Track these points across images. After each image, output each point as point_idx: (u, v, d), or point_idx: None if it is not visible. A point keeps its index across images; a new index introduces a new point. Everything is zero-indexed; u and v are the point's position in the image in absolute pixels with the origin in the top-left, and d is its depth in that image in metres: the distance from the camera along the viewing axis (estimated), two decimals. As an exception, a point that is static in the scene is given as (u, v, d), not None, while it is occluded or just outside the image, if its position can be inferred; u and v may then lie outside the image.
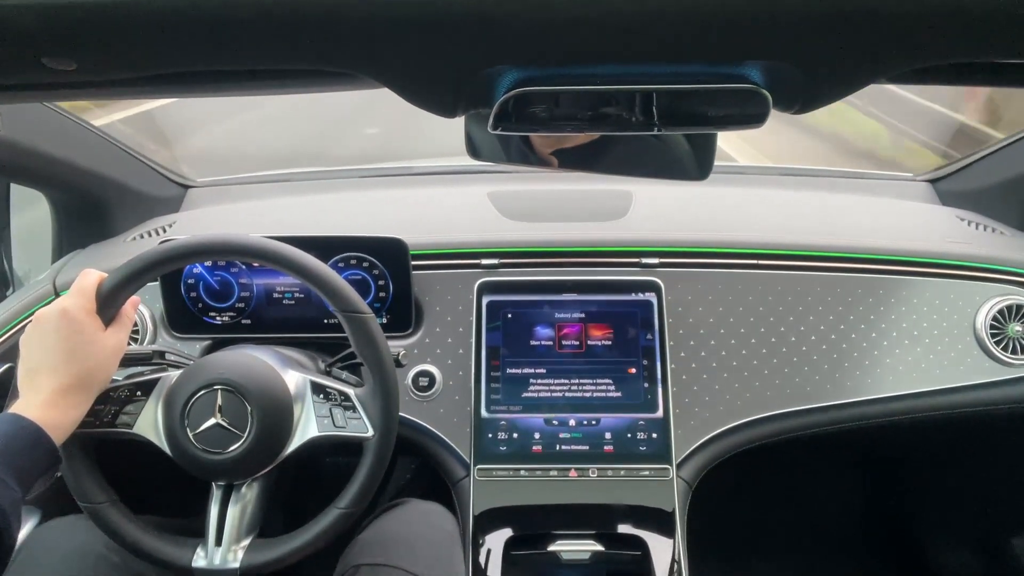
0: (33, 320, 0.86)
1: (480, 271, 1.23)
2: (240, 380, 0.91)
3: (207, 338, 1.22)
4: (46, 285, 1.25)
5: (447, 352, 1.21)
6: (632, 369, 1.16)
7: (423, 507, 1.08)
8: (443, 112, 0.52)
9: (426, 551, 0.99)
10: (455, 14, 0.40)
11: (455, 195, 1.56)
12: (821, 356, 1.21)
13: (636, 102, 0.52)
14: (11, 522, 0.73)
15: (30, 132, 1.17)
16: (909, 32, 0.42)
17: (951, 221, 1.44)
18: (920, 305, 1.24)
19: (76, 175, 1.31)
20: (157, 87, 0.52)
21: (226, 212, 1.52)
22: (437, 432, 1.16)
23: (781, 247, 1.26)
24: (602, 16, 0.40)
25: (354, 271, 1.19)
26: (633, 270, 1.24)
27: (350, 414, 0.93)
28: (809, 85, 0.48)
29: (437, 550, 1.01)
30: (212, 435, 0.90)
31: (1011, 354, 1.21)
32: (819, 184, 1.65)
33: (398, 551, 0.97)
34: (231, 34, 0.42)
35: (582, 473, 1.11)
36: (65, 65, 0.45)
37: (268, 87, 0.53)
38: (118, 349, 0.90)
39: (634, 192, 1.45)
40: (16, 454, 0.76)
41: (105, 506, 0.93)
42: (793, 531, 1.75)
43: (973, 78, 0.54)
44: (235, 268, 1.20)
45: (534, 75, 0.47)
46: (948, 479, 1.64)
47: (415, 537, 1.01)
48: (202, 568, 0.93)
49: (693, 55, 0.45)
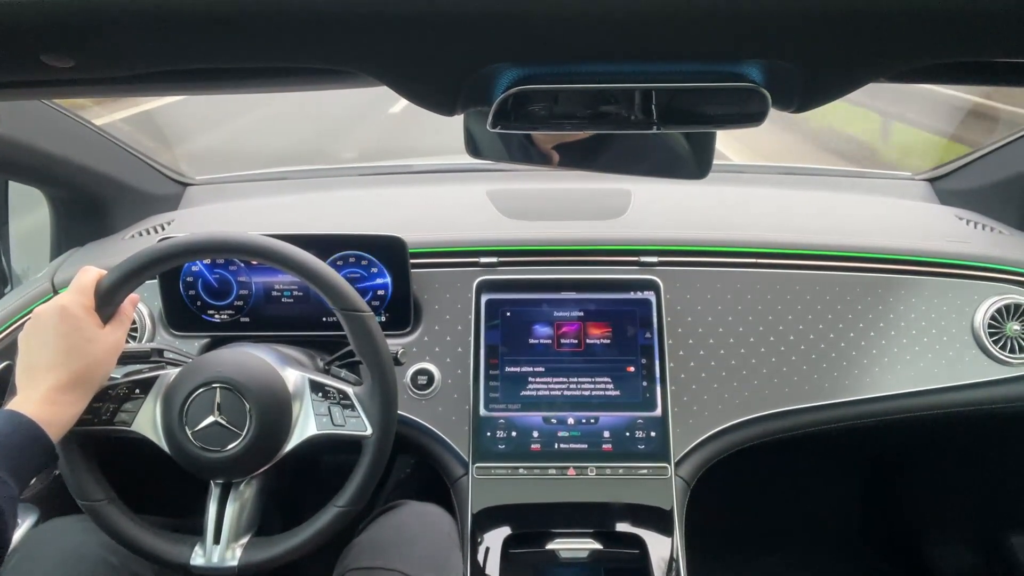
0: (32, 317, 0.86)
1: (479, 269, 1.23)
2: (239, 378, 0.91)
3: (206, 336, 1.22)
4: (44, 283, 1.25)
5: (446, 350, 1.21)
6: (631, 368, 1.16)
7: (420, 509, 1.08)
8: (443, 110, 0.52)
9: (423, 553, 0.99)
10: (454, 12, 0.40)
11: (454, 193, 1.55)
12: (819, 355, 1.21)
13: (635, 100, 0.52)
14: (7, 519, 0.73)
15: (29, 129, 1.17)
16: (908, 31, 0.42)
17: (950, 220, 1.44)
18: (918, 304, 1.24)
19: (74, 173, 1.31)
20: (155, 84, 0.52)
21: (224, 210, 1.52)
22: (436, 430, 1.16)
23: (780, 246, 1.26)
24: (601, 14, 0.40)
25: (353, 269, 1.19)
26: (632, 269, 1.24)
27: (349, 413, 0.93)
28: (808, 84, 0.48)
29: (434, 552, 1.01)
30: (210, 433, 0.90)
31: (1009, 353, 1.21)
32: (818, 183, 1.65)
33: (395, 554, 0.97)
34: (230, 32, 0.42)
35: (580, 472, 1.11)
36: (64, 62, 0.45)
37: (267, 85, 0.53)
38: (116, 346, 0.90)
39: (633, 191, 1.45)
40: (13, 451, 0.76)
41: (103, 504, 0.93)
42: (791, 529, 1.75)
43: (973, 77, 0.54)
44: (234, 266, 1.20)
45: (533, 73, 0.47)
46: (946, 477, 1.64)
47: (412, 539, 1.01)
48: (200, 566, 0.92)
49: (692, 53, 0.45)
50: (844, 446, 1.72)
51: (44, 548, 0.96)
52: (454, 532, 1.07)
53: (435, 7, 0.40)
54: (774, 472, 1.70)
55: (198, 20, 0.41)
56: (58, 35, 0.42)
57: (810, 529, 1.76)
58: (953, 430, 1.49)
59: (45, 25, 0.41)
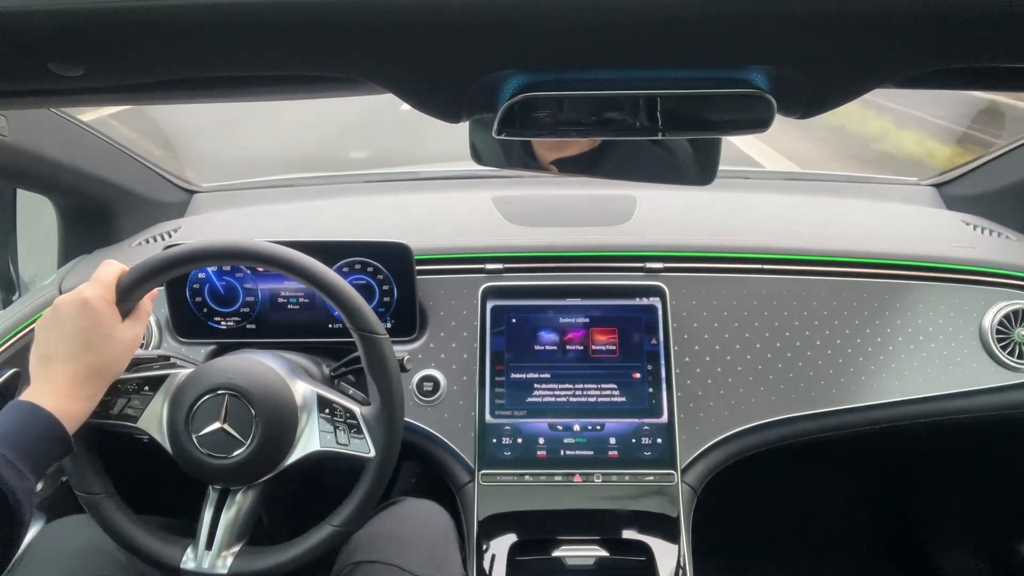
0: (52, 307, 0.86)
1: (484, 276, 1.23)
2: (248, 387, 0.91)
3: (212, 343, 1.23)
4: (52, 290, 1.26)
5: (451, 357, 1.21)
6: (637, 374, 1.16)
7: (418, 505, 1.08)
8: (448, 117, 0.52)
9: (421, 548, 0.99)
10: (460, 20, 0.40)
11: (460, 200, 1.56)
12: (826, 361, 1.21)
13: (640, 107, 0.52)
14: (24, 509, 0.74)
15: (36, 137, 1.17)
16: (913, 36, 0.42)
17: (956, 225, 1.44)
18: (926, 310, 1.23)
19: (82, 180, 1.32)
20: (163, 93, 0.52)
21: (231, 217, 1.53)
22: (441, 437, 1.16)
23: (786, 252, 1.26)
24: (606, 21, 0.40)
25: (359, 276, 1.19)
26: (637, 275, 1.24)
27: (354, 433, 0.93)
28: (814, 90, 0.48)
29: (432, 547, 1.01)
30: (215, 439, 0.90)
31: (1017, 359, 1.20)
32: (824, 188, 1.65)
33: (393, 548, 0.97)
34: (239, 40, 0.42)
35: (586, 478, 1.11)
36: (72, 72, 0.45)
37: (275, 93, 0.54)
38: (134, 342, 0.90)
39: (638, 197, 1.45)
40: (32, 443, 0.76)
41: (101, 497, 0.93)
42: (799, 537, 1.74)
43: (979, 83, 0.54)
44: (240, 273, 1.21)
45: (538, 80, 0.47)
46: (953, 483, 1.63)
47: (410, 534, 1.01)
48: (191, 571, 0.92)
49: (698, 60, 0.46)
50: (851, 453, 1.71)
51: (54, 545, 0.97)
52: (452, 528, 1.07)
53: (441, 15, 0.40)
54: (781, 479, 1.70)
55: (206, 30, 0.41)
56: (66, 44, 0.43)
57: (817, 536, 1.75)
58: (961, 436, 1.48)
59: (53, 34, 0.41)
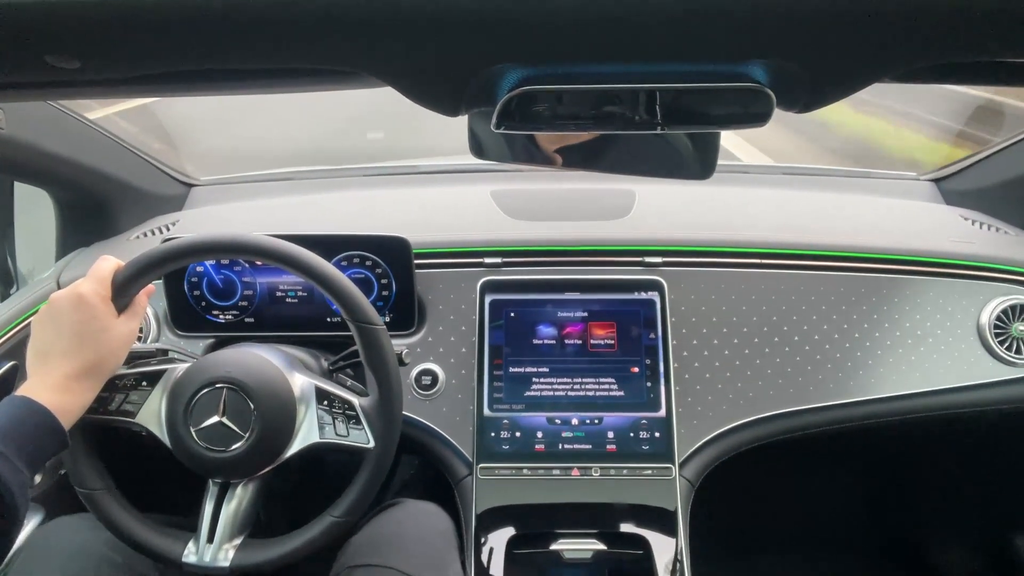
0: (48, 302, 0.86)
1: (483, 270, 1.23)
2: (246, 380, 0.91)
3: (210, 336, 1.23)
4: (50, 283, 1.26)
5: (450, 351, 1.21)
6: (635, 368, 1.16)
7: (417, 507, 1.08)
8: (447, 111, 0.52)
9: (420, 551, 0.99)
10: (458, 12, 0.40)
11: (458, 194, 1.56)
12: (824, 355, 1.21)
13: (639, 101, 0.52)
14: (19, 505, 0.74)
15: (34, 130, 1.17)
16: (915, 30, 0.42)
17: (955, 221, 1.44)
18: (924, 305, 1.23)
19: (80, 173, 1.31)
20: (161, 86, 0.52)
21: (229, 211, 1.52)
22: (440, 431, 1.16)
23: (784, 246, 1.26)
24: (606, 14, 0.40)
25: (357, 269, 1.19)
26: (636, 269, 1.24)
27: (353, 424, 0.93)
28: (813, 84, 0.48)
29: (431, 550, 1.01)
30: (214, 433, 0.90)
31: (1015, 354, 1.21)
32: (822, 183, 1.65)
33: (392, 551, 0.97)
34: (236, 32, 0.42)
35: (584, 472, 1.11)
36: (69, 63, 0.45)
37: (272, 86, 0.53)
38: (130, 337, 0.90)
39: (637, 191, 1.45)
40: (27, 438, 0.77)
41: (101, 493, 0.93)
42: (796, 530, 1.75)
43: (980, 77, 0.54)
44: (238, 266, 1.20)
45: (537, 73, 0.47)
46: (951, 478, 1.64)
47: (409, 537, 1.01)
48: (192, 564, 0.93)
49: (697, 54, 0.45)
50: (848, 447, 1.71)
51: (49, 545, 0.97)
52: (451, 530, 1.07)
53: (440, 9, 0.40)
54: (779, 473, 1.70)
55: (204, 22, 0.41)
56: (63, 36, 0.42)
57: (815, 530, 1.75)
58: (958, 431, 1.49)
59: (50, 26, 0.41)
